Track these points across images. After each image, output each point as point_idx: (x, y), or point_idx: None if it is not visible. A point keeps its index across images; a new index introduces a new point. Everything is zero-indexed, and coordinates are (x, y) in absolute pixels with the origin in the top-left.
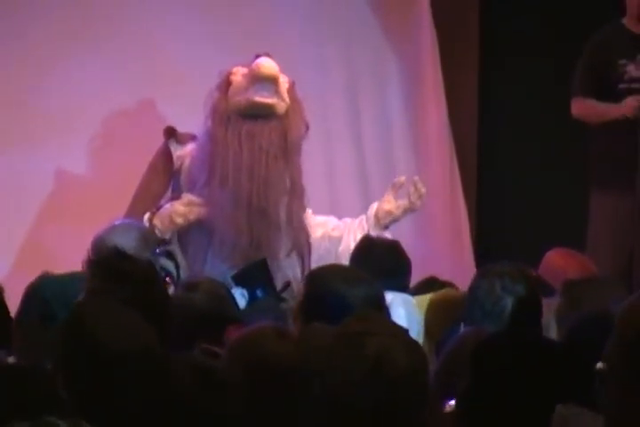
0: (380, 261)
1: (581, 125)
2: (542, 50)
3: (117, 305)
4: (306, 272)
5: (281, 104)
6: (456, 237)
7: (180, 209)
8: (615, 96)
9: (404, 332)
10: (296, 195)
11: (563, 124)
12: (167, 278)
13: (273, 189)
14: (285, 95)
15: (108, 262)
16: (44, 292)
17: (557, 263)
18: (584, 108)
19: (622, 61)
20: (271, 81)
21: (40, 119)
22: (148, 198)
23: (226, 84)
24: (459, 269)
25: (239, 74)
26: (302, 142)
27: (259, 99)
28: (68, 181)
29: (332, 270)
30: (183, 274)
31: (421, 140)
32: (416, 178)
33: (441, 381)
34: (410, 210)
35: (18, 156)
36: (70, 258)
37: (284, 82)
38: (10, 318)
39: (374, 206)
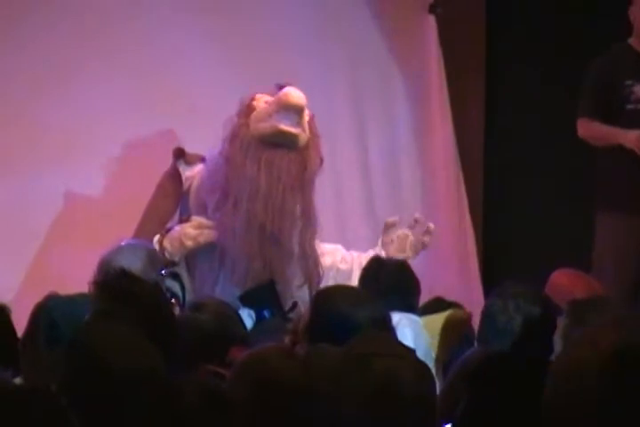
0: (389, 281)
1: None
2: (549, 63)
3: (123, 326)
4: None
5: (303, 135)
6: (462, 256)
7: (191, 232)
8: (622, 117)
9: (412, 353)
10: (309, 224)
11: (571, 138)
12: (173, 300)
13: (287, 219)
14: (307, 127)
15: (114, 284)
16: (50, 313)
17: (564, 283)
18: (590, 130)
19: (628, 82)
20: (297, 111)
21: (50, 139)
22: (156, 219)
23: (248, 109)
24: (465, 288)
25: (262, 100)
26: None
27: (284, 127)
28: (76, 202)
29: (338, 291)
30: (189, 296)
31: (428, 158)
32: (418, 216)
33: (444, 403)
34: (421, 249)
35: (27, 176)
36: (78, 278)
37: (306, 114)
38: (16, 338)
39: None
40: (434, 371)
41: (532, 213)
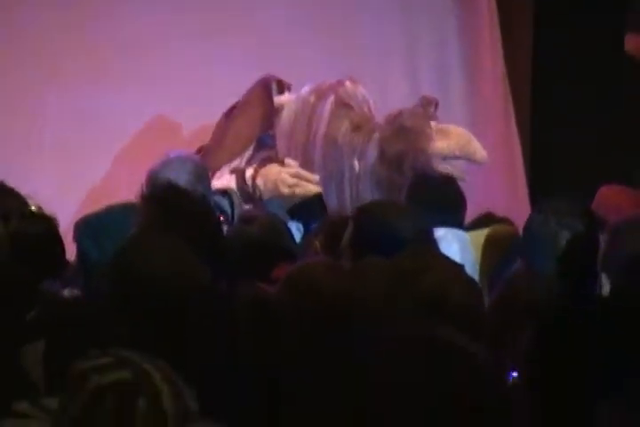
0: (434, 197)
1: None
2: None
3: (170, 239)
4: None
5: None
6: (510, 174)
7: (289, 180)
8: None
9: (461, 268)
10: None
11: (618, 76)
12: (221, 217)
13: None
14: None
15: (161, 196)
16: (90, 227)
17: (611, 199)
18: (638, 44)
19: None
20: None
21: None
22: (238, 141)
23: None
24: (514, 205)
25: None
26: None
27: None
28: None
29: (380, 204)
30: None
31: (478, 89)
32: None
33: (495, 332)
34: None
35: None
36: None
37: None
38: (64, 250)
39: None
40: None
41: (580, 136)
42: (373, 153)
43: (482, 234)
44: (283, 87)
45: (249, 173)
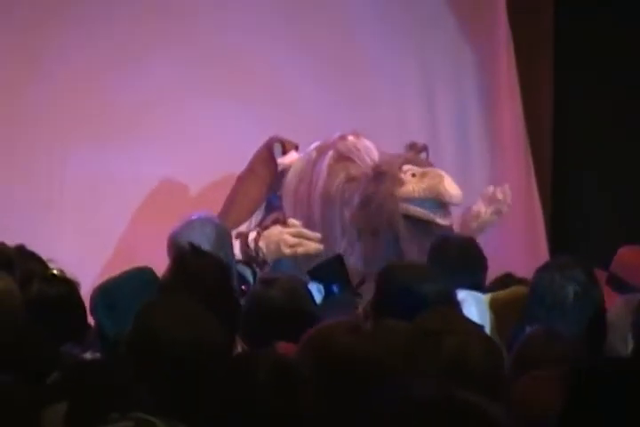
0: (455, 259)
1: None
2: (619, 46)
3: (189, 304)
4: None
5: None
6: (531, 233)
7: (289, 240)
8: None
9: (482, 329)
10: None
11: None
12: (243, 287)
13: None
14: None
15: (182, 259)
16: (107, 295)
17: (632, 260)
18: None
19: None
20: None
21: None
22: (245, 206)
23: (395, 179)
24: (534, 265)
25: (409, 173)
26: None
27: (439, 221)
28: (145, 181)
29: (403, 266)
30: None
31: (496, 134)
32: (506, 186)
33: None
34: (497, 213)
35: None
36: (148, 254)
37: None
38: (85, 314)
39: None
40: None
41: (600, 193)
42: (357, 200)
43: (499, 296)
44: (287, 148)
45: (252, 236)
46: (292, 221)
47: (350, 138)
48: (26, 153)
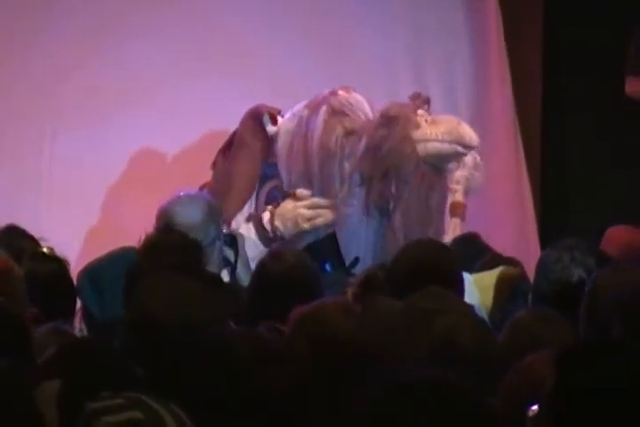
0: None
1: None
2: (609, 29)
3: (174, 278)
4: None
5: None
6: (521, 218)
7: (306, 213)
8: None
9: (472, 310)
10: None
11: (632, 104)
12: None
13: None
14: None
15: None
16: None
17: (620, 239)
18: (638, 87)
19: None
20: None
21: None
22: (244, 182)
23: (410, 123)
24: (524, 250)
25: (423, 119)
26: None
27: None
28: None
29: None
30: (241, 266)
31: (486, 120)
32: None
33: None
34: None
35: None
36: (137, 230)
37: None
38: (74, 292)
39: None
40: None
41: (590, 173)
42: (361, 150)
43: (484, 276)
44: (275, 117)
45: (266, 217)
46: (301, 192)
47: (341, 92)
48: (14, 132)
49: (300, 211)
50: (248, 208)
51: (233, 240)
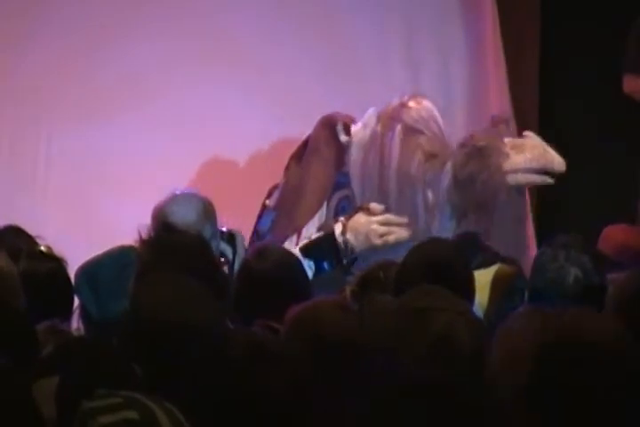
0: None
1: None
2: (605, 20)
3: (173, 279)
4: None
5: None
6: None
7: (378, 229)
8: None
9: (469, 308)
10: None
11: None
12: (222, 259)
13: None
14: None
15: (158, 238)
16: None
17: (617, 238)
18: (636, 86)
19: None
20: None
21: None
22: (316, 192)
23: (501, 153)
24: (521, 247)
25: (509, 146)
26: None
27: None
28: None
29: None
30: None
31: (482, 113)
32: None
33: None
34: None
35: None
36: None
37: None
38: (72, 291)
39: None
40: None
41: (588, 171)
42: (446, 181)
43: (484, 274)
44: (349, 126)
45: (338, 229)
46: (374, 206)
47: (412, 104)
48: (11, 130)
49: (374, 226)
50: (319, 216)
51: (231, 238)
